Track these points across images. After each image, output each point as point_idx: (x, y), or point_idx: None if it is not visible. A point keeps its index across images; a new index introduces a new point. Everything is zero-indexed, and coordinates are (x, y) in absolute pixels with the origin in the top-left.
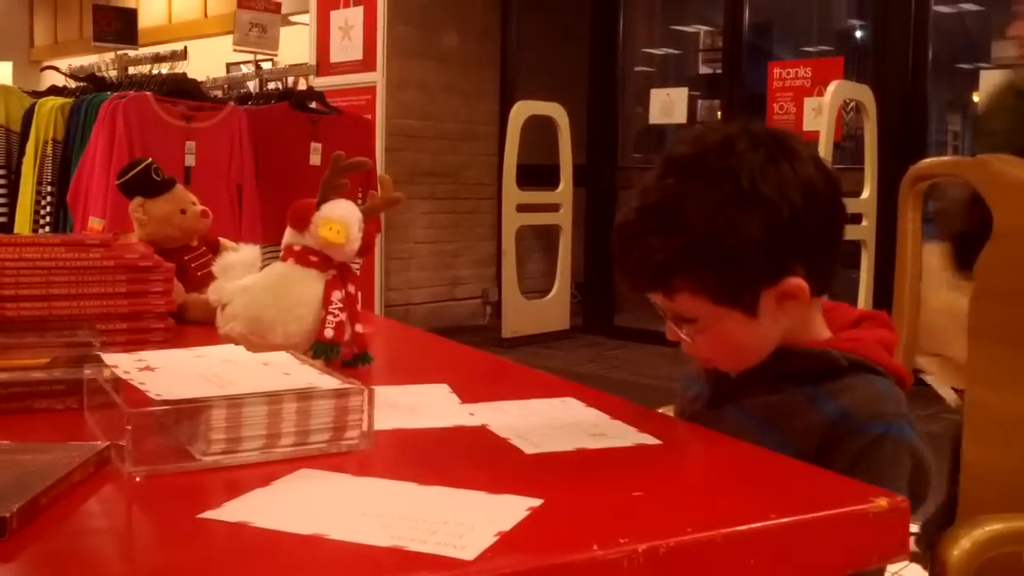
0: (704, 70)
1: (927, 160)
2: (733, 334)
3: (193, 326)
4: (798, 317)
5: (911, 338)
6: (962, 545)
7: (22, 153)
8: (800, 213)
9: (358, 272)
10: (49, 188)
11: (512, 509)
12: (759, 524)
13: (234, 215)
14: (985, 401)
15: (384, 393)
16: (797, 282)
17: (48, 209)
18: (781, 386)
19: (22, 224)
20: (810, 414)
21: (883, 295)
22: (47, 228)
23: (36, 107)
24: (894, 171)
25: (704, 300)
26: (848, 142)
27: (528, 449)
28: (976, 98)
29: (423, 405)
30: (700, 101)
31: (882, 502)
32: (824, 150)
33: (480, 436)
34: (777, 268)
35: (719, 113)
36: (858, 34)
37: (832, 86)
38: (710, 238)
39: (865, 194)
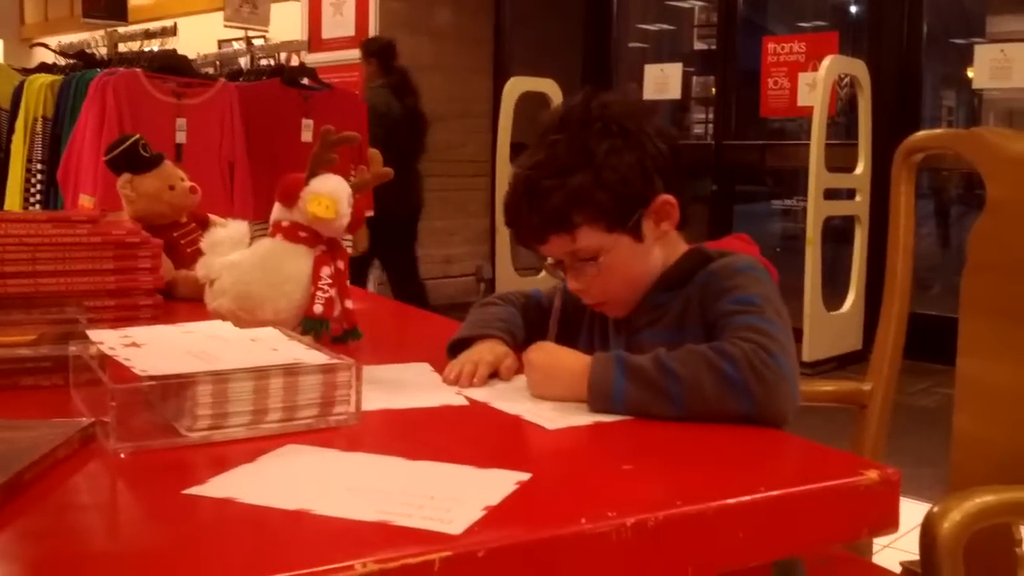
0: (699, 46)
1: (921, 133)
2: (627, 262)
3: (182, 303)
4: (671, 242)
5: (902, 313)
6: (952, 517)
7: (11, 131)
8: (658, 145)
9: (350, 247)
10: (39, 166)
11: (500, 483)
12: (748, 497)
13: (226, 192)
14: (976, 373)
15: (368, 372)
16: (667, 198)
17: (38, 187)
18: (669, 296)
19: (12, 202)
20: (696, 297)
21: (877, 270)
22: (37, 206)
23: (25, 84)
24: (888, 146)
25: (600, 230)
26: (842, 117)
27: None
28: (971, 73)
29: (408, 383)
30: (695, 77)
31: (872, 474)
32: (818, 125)
33: (468, 412)
34: (650, 189)
35: (713, 89)
36: (853, 9)
37: (826, 61)
38: (596, 171)
39: (859, 169)
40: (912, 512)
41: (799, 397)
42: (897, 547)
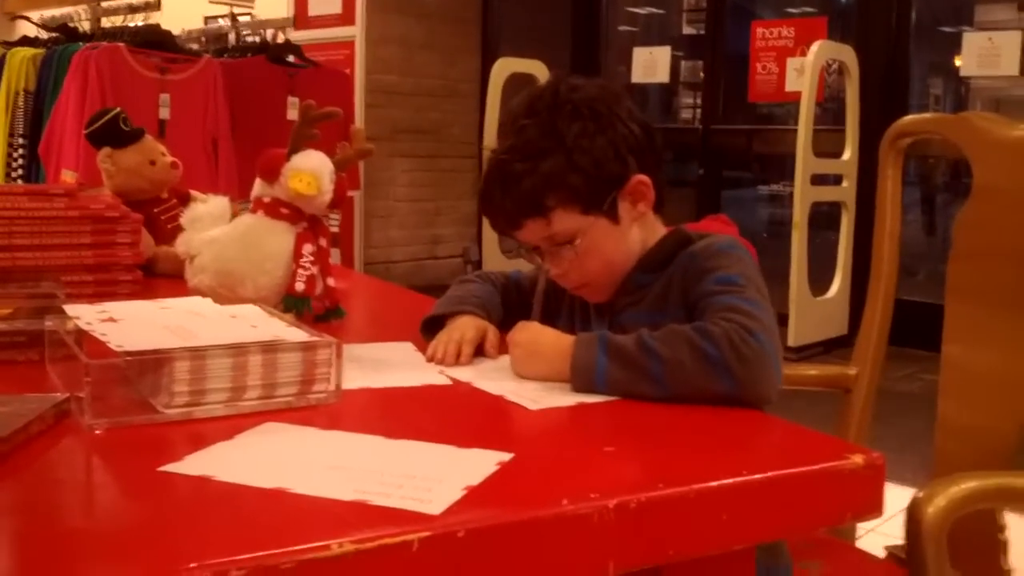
0: (687, 30)
1: (908, 117)
2: (604, 244)
3: (162, 279)
4: (649, 224)
5: (888, 298)
6: (937, 503)
7: None
8: (630, 126)
9: (336, 228)
10: (21, 140)
11: (481, 463)
12: (732, 480)
13: (210, 169)
14: (961, 359)
15: (350, 350)
16: (642, 178)
17: (20, 161)
18: (650, 278)
19: None
20: (677, 278)
21: (862, 257)
22: (19, 181)
23: (7, 58)
24: (875, 133)
25: (575, 213)
26: (830, 103)
27: (519, 402)
28: (958, 61)
29: (390, 363)
30: (683, 61)
31: (857, 459)
32: (806, 110)
33: (450, 392)
34: (624, 170)
35: (701, 73)
36: None
37: (815, 46)
38: (567, 153)
39: (846, 155)
40: (896, 497)
41: (781, 377)
42: (881, 531)
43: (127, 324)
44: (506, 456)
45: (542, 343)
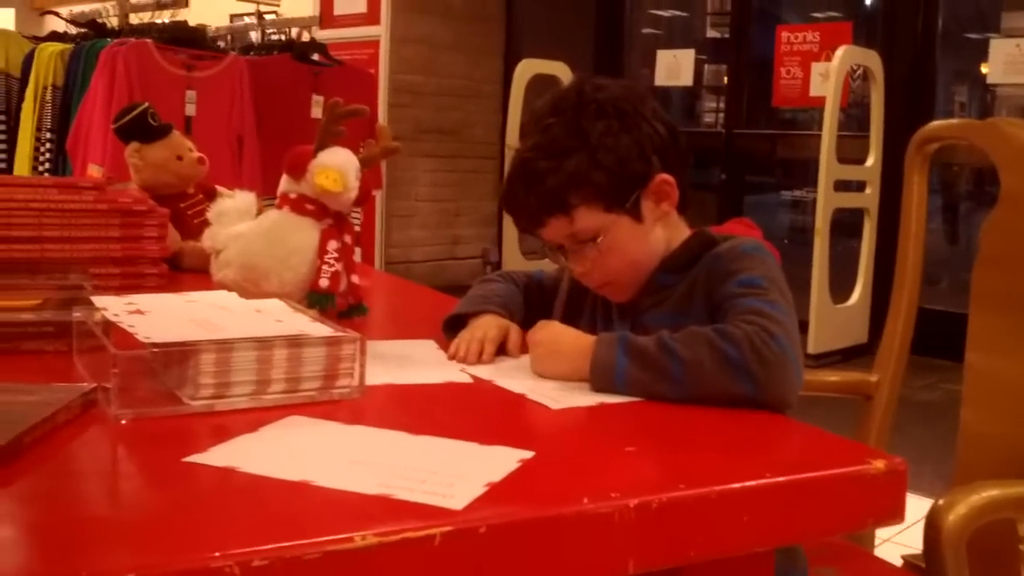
0: (712, 34)
1: (935, 122)
2: (627, 242)
3: (188, 273)
4: (673, 225)
5: (912, 305)
6: (957, 511)
7: (21, 99)
8: (654, 125)
9: (358, 225)
10: (48, 134)
11: (503, 460)
12: (753, 482)
13: (235, 166)
14: (985, 367)
15: (373, 347)
16: (665, 177)
17: (47, 155)
18: (674, 279)
19: (21, 170)
20: (701, 279)
21: (884, 265)
22: (46, 175)
23: (36, 52)
24: (900, 140)
25: (598, 210)
26: (854, 109)
27: (541, 400)
28: (985, 68)
29: (413, 359)
30: (707, 65)
31: (879, 464)
32: (830, 116)
33: (472, 389)
34: (648, 169)
35: (725, 77)
36: (867, 0)
37: (840, 52)
38: (591, 151)
39: (870, 162)
40: (914, 506)
41: (802, 381)
42: (897, 541)
43: (154, 316)
44: (527, 454)
45: (563, 342)
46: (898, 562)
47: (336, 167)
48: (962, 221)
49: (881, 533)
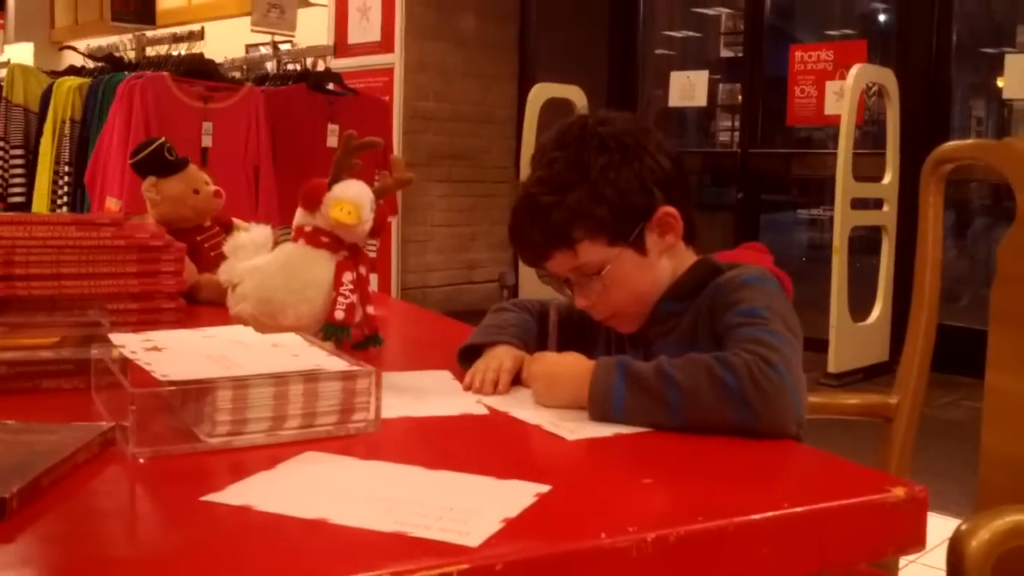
0: (725, 53)
1: (950, 143)
2: (631, 275)
3: (205, 306)
4: (679, 255)
5: (930, 326)
6: (980, 536)
7: (40, 133)
8: (657, 159)
9: (374, 254)
10: (67, 168)
11: (519, 495)
12: (772, 513)
13: (251, 196)
14: (1006, 387)
15: (388, 379)
16: (669, 210)
17: (66, 189)
18: (679, 307)
19: (40, 204)
20: (705, 308)
21: (904, 282)
22: (64, 208)
23: (54, 87)
24: (916, 157)
25: (602, 244)
26: (870, 126)
27: (556, 432)
28: (1001, 83)
29: (428, 391)
30: (721, 84)
31: (899, 491)
32: (845, 134)
33: (488, 421)
34: (651, 202)
35: (740, 97)
36: (881, 17)
37: (854, 70)
38: (592, 185)
39: (886, 179)
40: (939, 528)
41: (805, 409)
42: (925, 563)
43: (171, 353)
44: (544, 488)
45: (561, 371)
46: None
47: (350, 200)
48: (982, 237)
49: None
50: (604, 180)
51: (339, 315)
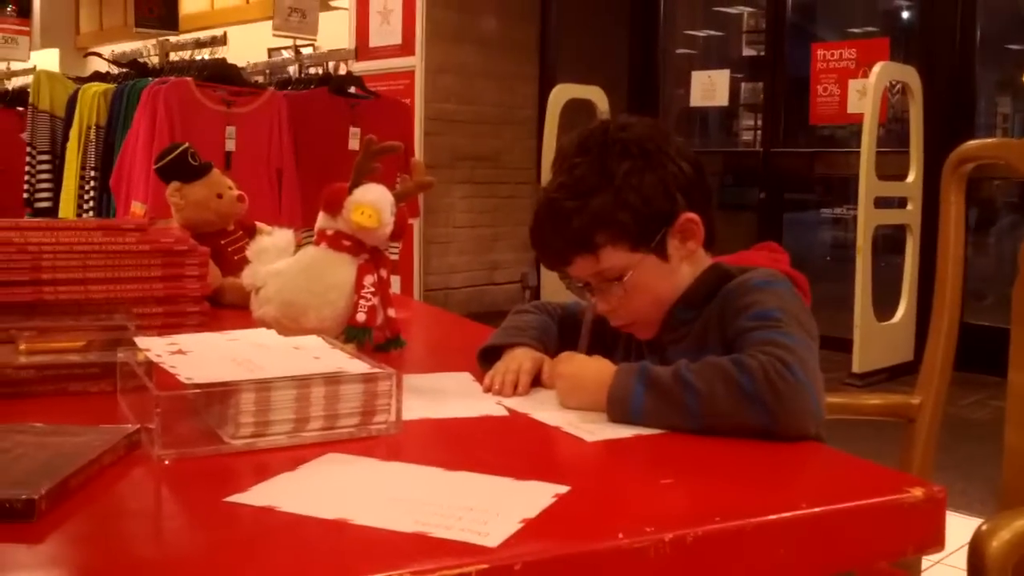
0: (747, 52)
1: (971, 142)
2: (652, 281)
3: (229, 310)
4: (698, 261)
5: (952, 325)
6: (1001, 536)
7: (66, 138)
8: (679, 164)
9: (396, 257)
10: (93, 173)
11: (538, 496)
12: (789, 514)
13: (274, 199)
14: None
15: (409, 380)
16: (691, 216)
17: (92, 194)
18: (691, 314)
19: (66, 209)
20: (715, 315)
21: (929, 281)
22: (91, 212)
23: (79, 93)
24: (940, 154)
25: (624, 249)
26: (894, 124)
27: (576, 433)
28: None
29: (449, 393)
30: (743, 83)
31: (917, 492)
32: (868, 132)
33: (508, 422)
34: (673, 207)
35: (762, 96)
36: (904, 15)
37: (877, 68)
38: (616, 191)
39: (910, 178)
40: (962, 527)
41: (823, 410)
42: (948, 563)
43: (195, 356)
44: (563, 488)
45: (585, 373)
46: None
47: (370, 203)
48: (1007, 235)
49: (930, 555)
50: (627, 186)
51: (360, 317)
